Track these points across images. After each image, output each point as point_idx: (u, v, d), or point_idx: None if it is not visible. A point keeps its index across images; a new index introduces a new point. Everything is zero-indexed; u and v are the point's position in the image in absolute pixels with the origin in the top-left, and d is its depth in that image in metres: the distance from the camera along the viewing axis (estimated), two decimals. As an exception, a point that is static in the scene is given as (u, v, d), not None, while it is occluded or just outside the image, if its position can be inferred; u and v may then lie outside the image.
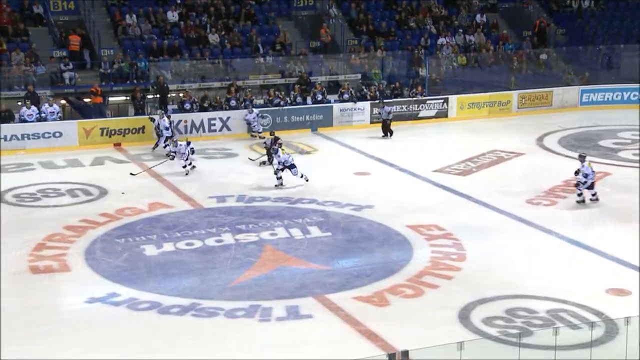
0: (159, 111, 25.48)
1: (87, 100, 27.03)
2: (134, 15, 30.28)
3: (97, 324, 13.42)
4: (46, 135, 24.81)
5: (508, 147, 25.25)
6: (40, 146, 24.56)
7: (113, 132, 25.58)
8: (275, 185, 20.66)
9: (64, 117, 26.03)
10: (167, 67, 29.02)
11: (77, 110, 26.91)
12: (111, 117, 26.67)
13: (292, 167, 20.67)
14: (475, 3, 36.24)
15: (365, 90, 29.40)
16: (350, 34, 33.08)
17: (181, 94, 27.89)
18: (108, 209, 19.11)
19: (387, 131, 26.84)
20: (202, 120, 26.64)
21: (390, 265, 15.93)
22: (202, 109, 26.95)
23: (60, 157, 24.02)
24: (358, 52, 32.04)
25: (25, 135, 24.66)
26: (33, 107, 25.24)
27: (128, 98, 27.55)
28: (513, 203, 19.47)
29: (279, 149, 20.85)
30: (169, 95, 27.62)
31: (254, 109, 26.21)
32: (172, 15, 30.83)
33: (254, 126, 26.26)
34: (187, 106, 26.90)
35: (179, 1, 31.45)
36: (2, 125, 24.60)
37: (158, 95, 27.49)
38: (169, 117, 25.07)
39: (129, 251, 16.55)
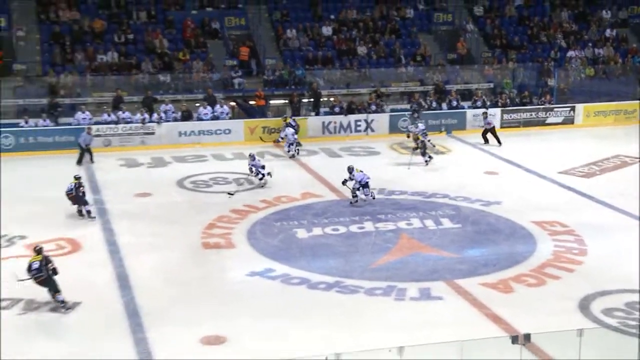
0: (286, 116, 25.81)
1: (252, 102, 27.71)
2: (294, 30, 30.76)
3: (256, 295, 13.74)
4: (218, 131, 25.57)
5: (632, 153, 24.01)
6: (213, 141, 25.34)
7: (273, 130, 26.05)
8: (351, 203, 18.57)
9: (233, 117, 26.74)
10: (321, 75, 29.36)
11: (244, 111, 27.61)
12: (272, 117, 27.21)
13: (365, 186, 18.44)
14: (606, 19, 34.69)
15: (496, 97, 28.84)
16: (484, 47, 32.40)
17: (332, 99, 28.17)
18: (267, 196, 19.50)
19: (486, 139, 25.85)
20: (349, 122, 26.76)
21: (514, 256, 15.51)
22: (350, 112, 27.05)
23: (229, 150, 24.66)
24: (491, 63, 31.37)
25: (201, 132, 25.48)
26: (209, 108, 26.15)
27: (286, 101, 28.01)
28: (634, 205, 18.50)
29: (354, 169, 18.69)
30: (321, 100, 27.93)
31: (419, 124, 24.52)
32: (327, 30, 31.14)
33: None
34: (337, 109, 27.11)
35: (332, 17, 31.74)
36: (182, 122, 25.61)
37: (312, 99, 27.85)
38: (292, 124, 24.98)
39: (284, 233, 16.83)
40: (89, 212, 17.52)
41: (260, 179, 20.50)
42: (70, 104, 25.79)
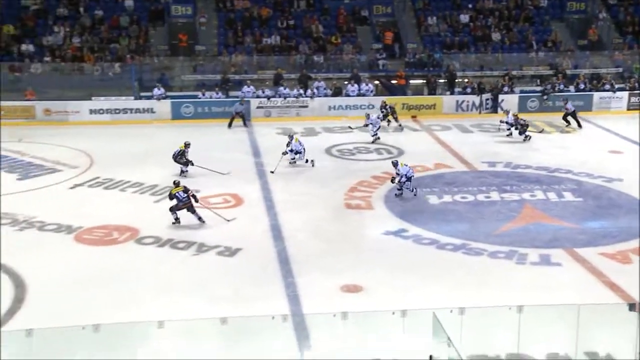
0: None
1: (393, 81, 27.41)
2: (434, 18, 30.09)
3: (390, 251, 13.69)
4: (362, 106, 25.50)
5: None
6: (358, 114, 25.32)
7: (411, 107, 25.73)
8: (396, 195, 16.52)
9: (376, 94, 26.61)
10: (457, 59, 28.56)
11: (386, 89, 27.36)
12: (410, 95, 26.87)
13: (409, 179, 16.35)
14: None
15: (625, 82, 27.00)
16: (615, 34, 30.30)
17: (465, 80, 27.39)
18: (404, 165, 19.31)
19: (567, 121, 23.98)
20: (480, 100, 25.93)
21: (634, 230, 14.53)
22: (480, 92, 26.18)
23: (372, 124, 24.60)
24: (621, 49, 29.32)
25: (348, 106, 25.54)
26: (355, 85, 26.16)
27: (424, 81, 27.53)
28: None
29: (399, 163, 16.56)
30: (456, 80, 27.23)
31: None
32: (464, 18, 30.19)
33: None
34: (469, 90, 26.34)
35: (470, 6, 30.74)
36: (332, 97, 25.78)
37: (447, 80, 27.23)
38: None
39: (417, 199, 16.63)
40: (186, 171, 17.93)
41: (373, 136, 21.55)
42: (238, 80, 26.56)
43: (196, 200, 14.72)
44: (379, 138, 21.77)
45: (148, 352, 9.18)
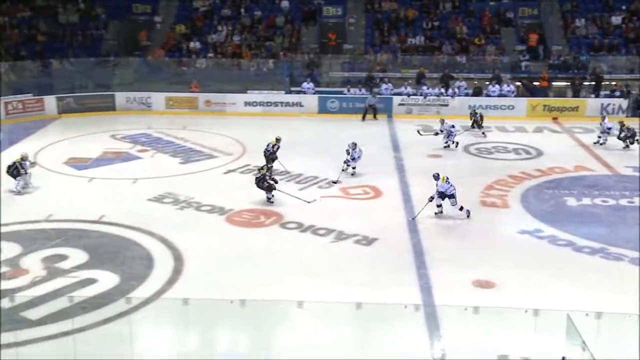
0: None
1: (536, 83, 26.25)
2: (583, 19, 28.41)
3: (525, 250, 13.15)
4: (502, 107, 24.69)
5: None
6: (497, 115, 24.51)
7: (553, 108, 24.52)
8: (435, 213, 14.60)
9: (517, 95, 25.61)
10: (605, 61, 26.82)
11: (528, 90, 26.25)
12: (553, 97, 25.58)
13: (451, 197, 14.46)
14: None
15: None
16: None
17: (613, 83, 25.65)
18: (542, 166, 18.47)
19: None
20: (628, 103, 24.22)
21: None
22: (629, 95, 24.41)
23: (510, 124, 23.72)
24: None
25: (488, 106, 24.73)
26: (497, 86, 25.31)
27: (568, 84, 26.09)
28: None
29: (440, 177, 14.54)
30: (602, 83, 25.58)
31: None
32: (616, 20, 28.26)
33: None
34: (617, 93, 24.65)
35: (623, 7, 28.70)
36: (473, 97, 25.13)
37: (593, 82, 25.62)
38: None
39: (555, 200, 15.84)
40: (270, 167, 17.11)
41: (446, 142, 20.04)
42: (382, 78, 26.52)
43: (276, 182, 15.38)
44: (448, 146, 20.12)
45: (286, 328, 9.42)
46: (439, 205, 14.53)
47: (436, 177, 14.58)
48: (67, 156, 19.28)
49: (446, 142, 20.27)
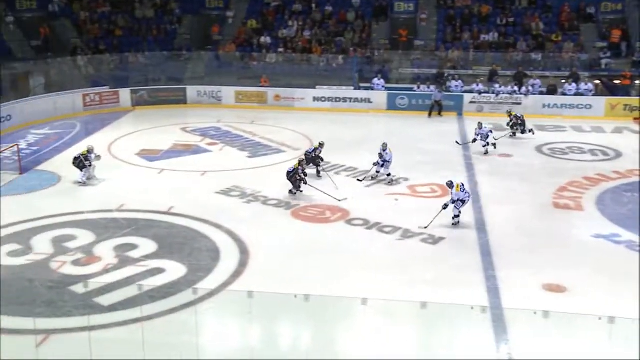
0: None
1: (616, 82, 25.28)
2: (669, 15, 27.20)
3: (599, 254, 12.71)
4: (579, 106, 23.92)
5: None
6: (573, 114, 23.81)
7: (635, 108, 23.56)
8: (453, 224, 13.86)
9: (596, 94, 24.74)
10: None
11: (607, 89, 25.32)
12: (635, 96, 24.56)
13: (464, 202, 13.79)
14: None
15: None
16: None
17: None
18: (620, 168, 17.80)
19: None
20: None
21: None
22: None
23: (588, 124, 22.98)
24: None
25: (564, 105, 24.06)
26: (573, 84, 24.54)
27: (653, 81, 25.07)
28: None
29: (454, 185, 13.87)
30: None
31: None
32: None
33: None
34: None
35: None
36: (547, 96, 24.48)
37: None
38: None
39: (633, 204, 15.23)
40: (321, 169, 16.87)
41: (484, 146, 19.05)
42: (453, 75, 26.14)
43: (306, 175, 15.42)
44: (487, 150, 19.06)
45: (349, 325, 9.43)
46: (457, 216, 13.79)
47: (450, 185, 13.91)
48: (139, 148, 19.87)
49: (484, 147, 19.04)
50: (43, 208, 14.92)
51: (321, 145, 17.41)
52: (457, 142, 20.14)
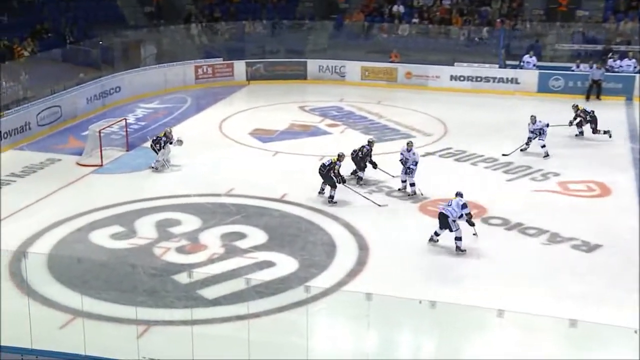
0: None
1: None
2: None
3: None
4: None
5: None
6: None
7: None
8: (458, 249, 12.65)
9: None
10: None
11: None
12: None
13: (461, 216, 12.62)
14: None
15: None
16: None
17: None
18: None
19: None
20: None
21: None
22: None
23: None
24: None
25: None
26: None
27: None
28: None
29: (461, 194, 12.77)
30: None
31: None
32: None
33: None
34: None
35: None
36: None
37: None
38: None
39: None
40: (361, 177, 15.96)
41: (542, 146, 17.42)
42: (624, 51, 24.75)
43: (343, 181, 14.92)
44: (547, 152, 17.39)
45: (482, 340, 9.25)
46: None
47: (459, 194, 12.79)
48: (252, 127, 20.44)
49: (543, 145, 17.45)
50: (148, 188, 15.73)
51: (370, 143, 16.05)
52: (503, 154, 17.59)
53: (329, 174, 14.84)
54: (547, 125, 17.57)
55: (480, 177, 16.46)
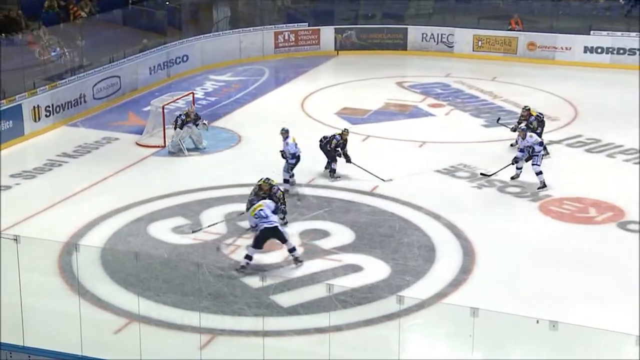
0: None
1: None
2: None
3: None
4: None
5: None
6: None
7: None
8: None
9: None
10: None
11: None
12: None
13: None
14: None
15: None
16: None
17: None
18: None
19: None
20: None
21: None
22: None
23: None
24: None
25: None
26: None
27: None
28: None
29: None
30: None
31: None
32: None
33: None
34: None
35: None
36: None
37: None
38: None
39: None
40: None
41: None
42: None
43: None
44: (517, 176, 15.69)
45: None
46: None
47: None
48: (340, 105, 20.55)
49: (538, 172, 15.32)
50: (218, 175, 16.03)
51: (343, 134, 15.92)
52: (482, 173, 16.05)
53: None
54: (542, 144, 15.52)
55: (616, 173, 16.10)
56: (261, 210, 12.22)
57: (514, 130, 16.77)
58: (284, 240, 12.29)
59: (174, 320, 10.79)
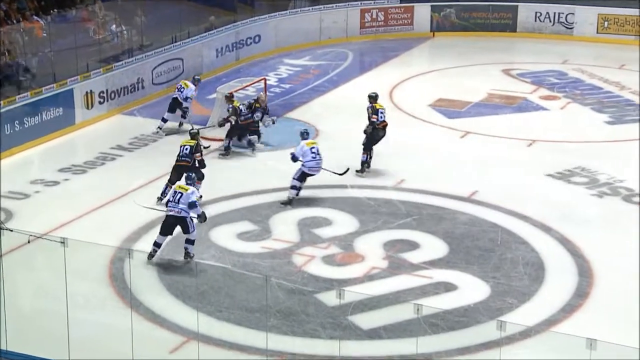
0: None
1: None
2: None
3: None
4: None
5: None
6: None
7: None
8: None
9: None
10: None
11: None
12: None
13: None
14: None
15: None
16: None
17: None
18: None
19: None
20: None
21: None
22: None
23: None
24: None
25: None
26: None
27: None
28: None
29: None
30: None
31: None
32: None
33: None
34: None
35: None
36: None
37: None
38: None
39: None
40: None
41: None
42: None
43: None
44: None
45: None
46: None
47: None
48: (434, 96, 20.53)
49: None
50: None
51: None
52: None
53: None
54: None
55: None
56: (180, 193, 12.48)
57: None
58: (187, 231, 12.51)
59: (237, 340, 10.90)
